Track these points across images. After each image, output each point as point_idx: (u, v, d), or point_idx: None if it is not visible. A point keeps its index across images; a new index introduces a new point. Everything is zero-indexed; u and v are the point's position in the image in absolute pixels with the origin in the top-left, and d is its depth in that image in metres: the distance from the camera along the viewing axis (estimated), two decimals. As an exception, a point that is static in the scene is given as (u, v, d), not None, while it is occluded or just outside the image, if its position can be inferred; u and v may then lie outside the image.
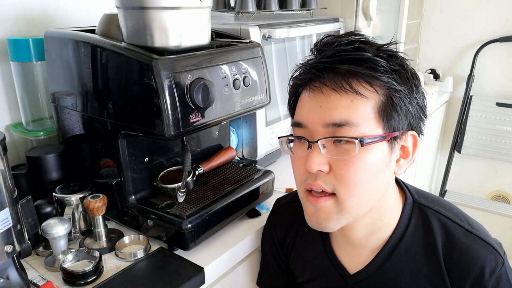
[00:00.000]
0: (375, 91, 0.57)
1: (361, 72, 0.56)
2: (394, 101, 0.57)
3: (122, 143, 0.76)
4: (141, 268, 0.73)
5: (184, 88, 0.67)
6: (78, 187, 0.83)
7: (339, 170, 0.57)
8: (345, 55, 0.57)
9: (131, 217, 0.82)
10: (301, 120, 0.60)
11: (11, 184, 0.60)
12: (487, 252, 0.61)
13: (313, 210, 0.61)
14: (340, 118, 0.56)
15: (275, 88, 1.09)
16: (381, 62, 0.57)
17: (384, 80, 0.57)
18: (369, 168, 0.57)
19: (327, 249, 0.73)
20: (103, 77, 0.74)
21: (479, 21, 2.07)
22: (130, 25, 0.71)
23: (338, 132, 0.56)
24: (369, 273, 0.68)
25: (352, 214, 0.60)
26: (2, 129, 0.95)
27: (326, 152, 0.57)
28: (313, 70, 0.58)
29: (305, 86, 0.61)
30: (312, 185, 0.59)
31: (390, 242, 0.66)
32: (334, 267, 0.71)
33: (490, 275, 0.60)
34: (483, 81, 2.14)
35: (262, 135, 1.06)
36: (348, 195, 0.58)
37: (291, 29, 1.08)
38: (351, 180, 0.57)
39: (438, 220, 0.65)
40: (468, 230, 0.63)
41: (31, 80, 0.92)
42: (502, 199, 2.24)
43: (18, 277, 0.63)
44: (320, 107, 0.57)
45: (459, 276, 0.62)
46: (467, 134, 2.19)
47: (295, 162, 0.63)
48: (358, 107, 0.56)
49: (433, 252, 0.64)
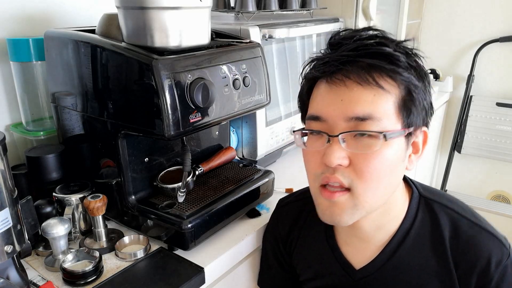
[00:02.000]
0: (396, 85, 0.57)
1: (385, 66, 0.56)
2: (413, 96, 0.58)
3: (122, 143, 0.76)
4: (141, 268, 0.73)
5: (184, 88, 0.67)
6: (78, 187, 0.83)
7: (359, 164, 0.57)
8: (367, 49, 0.57)
9: (131, 217, 0.82)
10: (320, 114, 0.59)
11: (11, 184, 0.60)
12: (493, 244, 0.62)
13: (328, 204, 0.60)
14: (363, 112, 0.56)
15: (275, 88, 1.09)
16: (401, 57, 0.57)
17: (405, 75, 0.57)
18: (388, 163, 0.58)
19: (331, 245, 0.72)
20: (103, 77, 0.74)
21: (479, 21, 2.07)
22: (130, 25, 0.71)
23: (361, 126, 0.56)
24: (375, 267, 0.67)
25: (366, 208, 0.60)
26: (2, 129, 0.95)
27: (346, 146, 0.57)
28: (336, 63, 0.57)
29: (324, 78, 0.60)
30: (330, 178, 0.58)
31: (397, 236, 0.66)
32: (339, 262, 0.71)
33: (496, 267, 0.61)
34: (483, 81, 2.14)
35: (262, 135, 1.06)
36: (365, 189, 0.58)
37: (291, 29, 1.08)
38: (370, 174, 0.57)
39: (445, 213, 0.65)
40: (474, 222, 0.64)
41: (31, 80, 0.92)
42: (502, 199, 2.24)
43: (18, 277, 0.63)
44: (341, 100, 0.57)
45: (465, 268, 0.62)
46: (467, 134, 2.19)
47: (309, 156, 0.62)
48: (380, 101, 0.56)
49: (440, 245, 0.64)
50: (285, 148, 1.19)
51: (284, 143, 1.16)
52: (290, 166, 1.21)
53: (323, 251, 0.73)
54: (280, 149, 1.17)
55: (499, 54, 2.06)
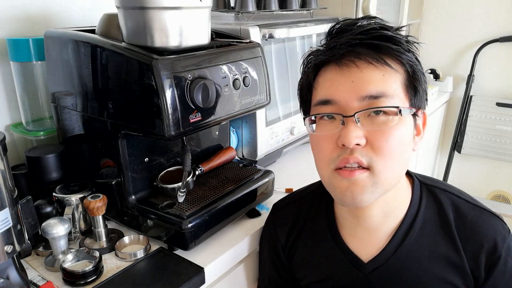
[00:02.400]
0: (402, 66, 0.60)
1: (391, 47, 0.59)
2: (418, 75, 0.61)
3: (122, 143, 0.76)
4: (141, 268, 0.73)
5: (184, 88, 0.67)
6: (78, 187, 0.83)
7: (376, 141, 0.58)
8: (373, 33, 0.60)
9: (131, 217, 0.82)
10: (331, 97, 0.60)
11: (11, 184, 0.60)
12: (495, 222, 0.65)
13: (347, 184, 0.59)
14: (377, 90, 0.58)
15: (275, 88, 1.09)
16: (402, 40, 0.61)
17: (409, 56, 0.60)
18: (403, 139, 0.59)
19: (337, 241, 0.70)
20: (103, 77, 0.74)
21: (479, 21, 2.07)
22: (130, 25, 0.71)
23: (375, 104, 0.58)
24: (385, 258, 0.66)
25: (385, 186, 0.61)
26: (2, 129, 0.95)
27: (362, 125, 0.58)
28: (345, 46, 0.59)
29: (333, 62, 0.61)
30: (349, 159, 0.58)
31: (405, 223, 0.66)
32: (347, 258, 0.69)
33: (502, 243, 0.63)
34: (483, 81, 2.14)
35: (262, 135, 1.06)
36: (384, 166, 0.58)
37: (291, 29, 1.08)
38: (388, 150, 0.58)
39: (446, 197, 0.67)
40: (473, 204, 0.67)
41: (31, 80, 0.92)
42: (502, 199, 2.24)
43: (18, 277, 0.63)
44: (352, 82, 0.58)
45: (474, 248, 0.64)
46: (467, 134, 2.19)
47: (322, 142, 0.62)
48: (390, 80, 0.59)
49: (447, 228, 0.65)
50: (285, 148, 1.19)
51: (284, 143, 1.16)
52: (290, 166, 1.21)
53: (328, 249, 0.71)
54: (280, 149, 1.17)
55: (499, 54, 2.06)
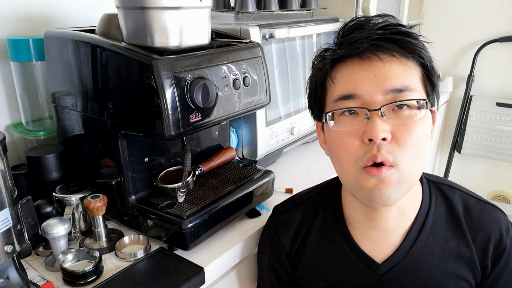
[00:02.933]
0: (420, 60, 0.61)
1: (413, 42, 0.60)
2: (435, 71, 0.62)
3: (122, 143, 0.76)
4: (141, 268, 0.73)
5: (184, 88, 0.67)
6: (78, 187, 0.83)
7: (402, 135, 0.57)
8: (392, 28, 0.60)
9: (131, 217, 0.82)
10: (354, 92, 0.59)
11: (11, 184, 0.60)
12: (499, 215, 0.67)
13: (375, 182, 0.58)
14: (401, 84, 0.58)
15: (275, 88, 1.09)
16: (418, 37, 0.62)
17: (427, 51, 0.61)
18: (426, 133, 0.60)
19: (349, 243, 0.69)
20: (103, 77, 0.74)
21: (479, 21, 2.07)
22: (130, 25, 0.71)
23: (399, 98, 0.58)
24: (399, 258, 0.66)
25: (409, 183, 0.61)
26: (2, 129, 0.95)
27: (387, 118, 0.58)
28: (367, 40, 0.59)
29: (355, 56, 0.60)
30: (377, 156, 0.57)
31: (417, 221, 0.67)
32: (360, 260, 0.68)
33: (507, 234, 0.66)
34: (483, 81, 2.14)
35: (262, 135, 1.06)
36: (410, 162, 0.58)
37: (291, 29, 1.08)
38: (413, 144, 0.58)
39: (453, 193, 0.69)
40: (478, 198, 0.70)
41: (31, 80, 0.92)
42: (502, 199, 2.24)
43: (18, 277, 0.63)
44: (375, 76, 0.58)
45: (482, 241, 0.66)
46: (467, 134, 2.19)
47: (345, 140, 0.60)
48: (411, 74, 0.59)
49: (456, 223, 0.67)
50: (285, 148, 1.19)
51: (284, 143, 1.16)
52: (290, 166, 1.21)
53: (340, 252, 0.70)
54: (280, 149, 1.17)
55: (499, 54, 2.06)
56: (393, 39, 0.59)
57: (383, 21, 0.61)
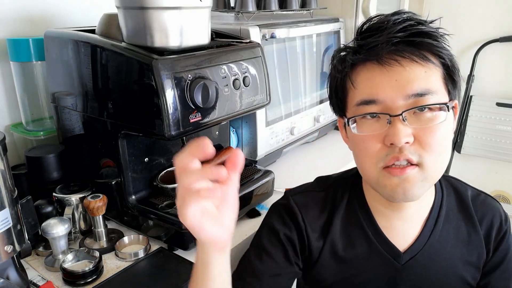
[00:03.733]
0: (441, 60, 0.61)
1: (432, 43, 0.60)
2: (456, 67, 0.62)
3: (122, 143, 0.76)
4: (141, 268, 0.73)
5: (184, 88, 0.67)
6: (78, 187, 0.83)
7: (425, 138, 0.58)
8: (412, 29, 0.59)
9: (131, 217, 0.82)
10: (376, 97, 0.59)
11: (11, 184, 0.60)
12: (498, 205, 0.73)
13: (398, 181, 0.59)
14: (422, 88, 0.58)
15: (277, 88, 1.09)
16: (439, 34, 0.61)
17: (447, 50, 0.61)
18: (448, 134, 0.61)
19: (375, 232, 0.69)
20: (103, 77, 0.74)
21: (479, 21, 2.07)
22: (130, 25, 0.71)
23: (421, 102, 0.58)
24: (420, 246, 0.68)
25: (433, 180, 0.62)
26: (2, 129, 0.95)
27: (409, 123, 0.58)
28: (386, 45, 0.59)
29: (374, 61, 0.60)
30: (399, 157, 0.58)
31: (434, 210, 0.70)
32: (385, 249, 0.68)
33: (505, 222, 0.72)
34: (483, 81, 2.13)
35: (262, 135, 1.06)
36: (433, 161, 0.59)
37: (291, 29, 1.08)
38: (437, 146, 0.59)
39: (460, 185, 0.74)
40: (479, 190, 0.75)
41: (31, 80, 0.92)
42: (502, 199, 2.24)
43: (18, 277, 0.63)
44: (396, 80, 0.59)
45: (487, 227, 0.71)
46: (467, 134, 2.19)
47: (366, 142, 0.61)
48: (432, 76, 0.59)
49: (466, 211, 0.71)
50: (285, 148, 1.19)
51: (284, 143, 1.16)
52: (290, 166, 1.21)
53: (364, 242, 0.69)
54: (280, 149, 1.17)
55: (499, 54, 2.06)
56: (413, 42, 0.59)
57: (402, 20, 0.60)
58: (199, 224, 0.47)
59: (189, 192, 0.46)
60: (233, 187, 0.49)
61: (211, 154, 0.46)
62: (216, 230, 0.49)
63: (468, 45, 2.13)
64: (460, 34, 2.13)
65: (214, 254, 0.53)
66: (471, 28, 2.09)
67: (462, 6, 2.10)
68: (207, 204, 0.48)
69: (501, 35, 2.01)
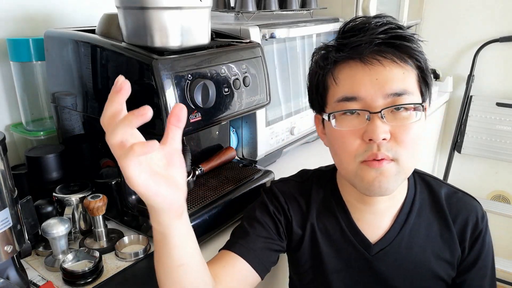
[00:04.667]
0: (417, 63, 0.64)
1: (411, 46, 0.63)
2: (429, 71, 0.66)
3: (122, 143, 0.76)
4: (141, 268, 0.73)
5: (184, 88, 0.67)
6: (78, 187, 0.83)
7: (400, 135, 0.62)
8: (392, 32, 0.63)
9: (131, 217, 0.82)
10: (357, 94, 0.62)
11: (11, 184, 0.60)
12: (475, 203, 0.75)
13: (375, 174, 0.63)
14: (400, 88, 0.62)
15: (277, 88, 1.09)
16: (415, 39, 0.65)
17: (423, 54, 0.65)
18: (422, 131, 0.65)
19: (348, 224, 0.73)
20: (103, 77, 0.74)
21: (479, 21, 2.07)
22: (130, 25, 0.71)
23: (398, 101, 0.62)
24: (390, 239, 0.71)
25: (406, 174, 0.66)
26: (2, 129, 0.95)
27: (387, 120, 0.62)
28: (369, 45, 0.62)
29: (355, 59, 0.63)
30: (377, 154, 0.61)
31: (406, 205, 0.73)
32: (356, 240, 0.72)
33: (481, 221, 0.73)
34: (483, 81, 2.13)
35: (262, 135, 1.06)
36: (408, 157, 0.63)
37: (291, 29, 1.08)
38: (412, 143, 0.63)
39: (435, 183, 0.76)
40: (456, 188, 0.77)
41: (31, 80, 0.92)
42: (502, 199, 2.24)
43: (18, 277, 0.63)
44: (376, 79, 0.62)
45: (461, 224, 0.72)
46: (467, 134, 2.19)
47: (345, 138, 0.64)
48: (409, 77, 0.63)
49: (439, 209, 0.73)
50: (285, 148, 1.19)
51: (284, 143, 1.16)
52: (290, 166, 1.20)
53: (339, 233, 0.73)
54: (280, 149, 1.17)
55: (499, 54, 2.06)
56: (394, 45, 0.63)
57: (383, 23, 0.64)
58: (152, 186, 0.45)
59: (122, 150, 0.43)
60: (176, 143, 0.48)
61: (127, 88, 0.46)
62: (171, 192, 0.48)
63: (468, 45, 2.13)
64: (460, 34, 2.14)
65: (172, 221, 0.51)
66: (471, 28, 2.10)
67: (462, 6, 2.10)
68: (152, 163, 0.46)
69: (501, 35, 2.01)
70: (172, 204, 0.49)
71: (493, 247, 0.75)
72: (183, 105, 0.47)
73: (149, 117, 0.42)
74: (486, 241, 0.73)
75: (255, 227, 0.72)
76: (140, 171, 0.44)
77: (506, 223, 2.14)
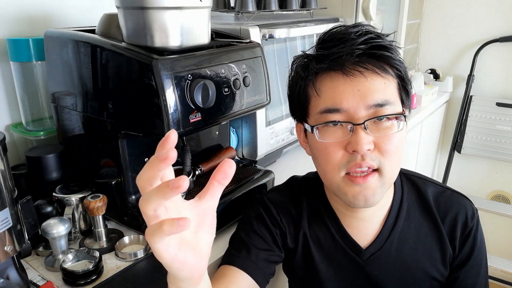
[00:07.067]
0: (397, 72, 0.65)
1: (391, 56, 0.64)
2: (409, 79, 0.66)
3: (122, 143, 0.76)
4: (141, 268, 0.73)
5: (184, 88, 0.67)
6: (78, 187, 0.83)
7: (383, 145, 0.62)
8: (373, 42, 0.63)
9: (131, 217, 0.82)
10: (339, 106, 0.62)
11: (11, 184, 0.60)
12: (465, 201, 0.74)
13: (359, 189, 0.63)
14: (381, 99, 0.62)
15: (278, 88, 1.09)
16: (395, 48, 0.65)
17: (402, 62, 0.65)
18: (404, 140, 0.65)
19: (338, 231, 0.73)
20: (103, 77, 0.74)
21: (479, 21, 2.07)
22: (130, 25, 0.71)
23: (380, 112, 0.62)
24: (381, 243, 0.71)
25: (389, 184, 0.66)
26: (2, 129, 0.95)
27: (370, 131, 0.61)
28: (350, 56, 0.61)
29: (336, 70, 0.63)
30: (362, 164, 0.62)
31: (393, 209, 0.73)
32: (347, 245, 0.72)
33: (472, 218, 0.73)
34: (483, 81, 2.13)
35: (262, 135, 1.06)
36: (391, 166, 0.64)
37: (291, 29, 1.08)
38: (394, 152, 0.63)
39: (422, 183, 0.76)
40: (445, 187, 0.76)
41: (31, 80, 0.92)
42: (502, 199, 2.24)
43: (18, 277, 0.63)
44: (358, 90, 0.62)
45: (450, 223, 0.72)
46: (467, 134, 2.19)
47: (329, 149, 0.64)
48: (390, 88, 0.63)
49: (427, 209, 0.73)
50: (285, 148, 1.19)
51: (284, 143, 1.16)
52: (290, 166, 1.21)
53: (329, 240, 0.73)
54: (280, 149, 1.17)
55: (499, 54, 2.06)
56: (374, 55, 0.62)
57: (362, 33, 0.63)
58: (180, 258, 0.41)
59: (150, 223, 0.40)
60: (214, 201, 0.44)
61: (173, 158, 0.38)
62: (196, 261, 0.43)
63: (468, 45, 2.13)
64: (460, 34, 2.14)
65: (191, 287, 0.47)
66: (471, 28, 2.10)
67: (462, 6, 2.10)
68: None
69: (501, 35, 2.02)
70: (194, 273, 0.45)
71: (485, 244, 0.75)
72: (233, 162, 0.44)
73: (185, 188, 0.37)
74: (478, 239, 0.73)
75: (254, 240, 0.72)
76: (168, 246, 0.40)
77: (506, 223, 2.14)
